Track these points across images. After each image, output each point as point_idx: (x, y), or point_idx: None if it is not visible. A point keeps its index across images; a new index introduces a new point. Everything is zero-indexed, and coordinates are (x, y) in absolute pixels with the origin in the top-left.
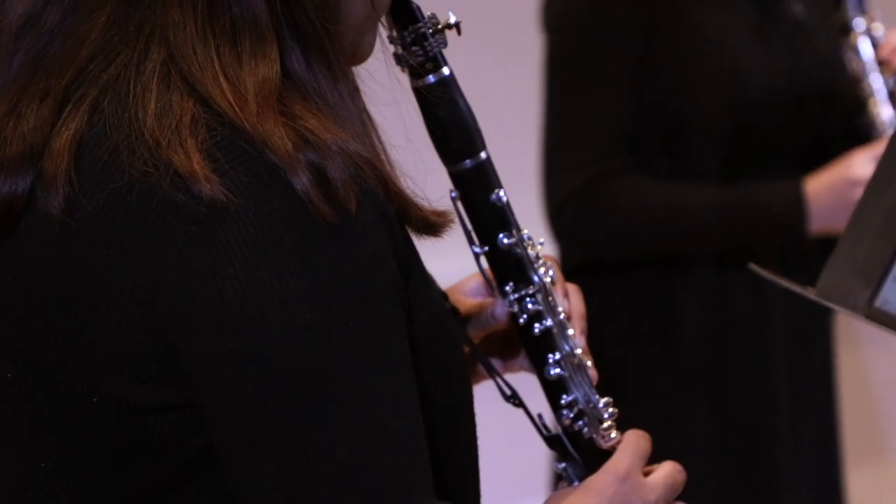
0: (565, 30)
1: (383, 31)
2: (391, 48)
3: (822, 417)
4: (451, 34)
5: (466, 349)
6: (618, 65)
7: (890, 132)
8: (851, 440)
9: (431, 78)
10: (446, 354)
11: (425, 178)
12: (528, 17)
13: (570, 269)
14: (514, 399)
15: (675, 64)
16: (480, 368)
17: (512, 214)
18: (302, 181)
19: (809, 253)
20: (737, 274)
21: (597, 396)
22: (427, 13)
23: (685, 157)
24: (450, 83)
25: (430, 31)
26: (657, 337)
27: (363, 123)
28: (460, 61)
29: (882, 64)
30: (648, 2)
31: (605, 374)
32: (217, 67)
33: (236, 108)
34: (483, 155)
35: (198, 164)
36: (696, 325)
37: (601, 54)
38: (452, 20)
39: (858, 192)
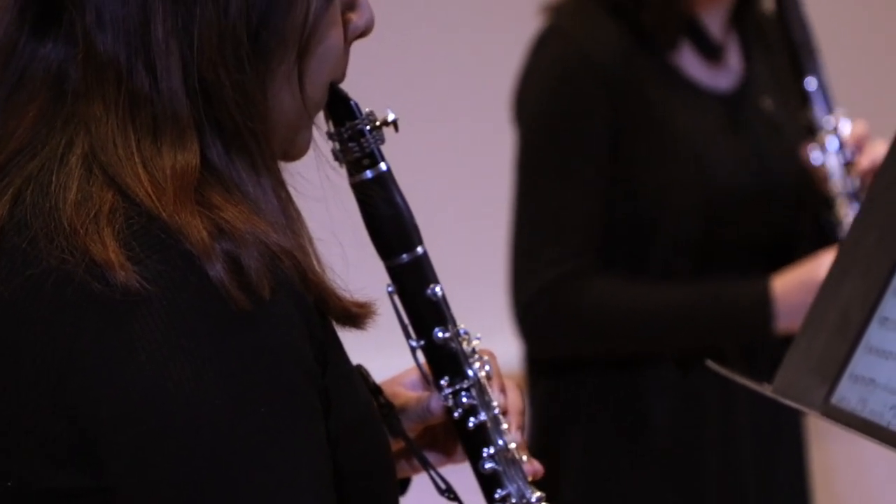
0: (536, 127)
1: (321, 128)
2: (325, 144)
3: None
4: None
5: (401, 442)
6: (587, 164)
7: None
8: None
9: (369, 174)
10: (369, 446)
11: (347, 270)
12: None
13: (537, 368)
14: (448, 493)
15: (644, 163)
16: (416, 461)
17: (448, 309)
18: (216, 269)
19: (773, 347)
20: (703, 369)
21: (530, 491)
22: (365, 110)
23: (653, 256)
24: (387, 179)
25: (368, 127)
26: (625, 433)
27: (287, 216)
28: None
29: (849, 164)
30: (619, 101)
31: (572, 471)
32: (137, 159)
33: (154, 198)
34: (420, 250)
35: (114, 252)
36: (665, 422)
37: (571, 153)
38: (391, 117)
39: None
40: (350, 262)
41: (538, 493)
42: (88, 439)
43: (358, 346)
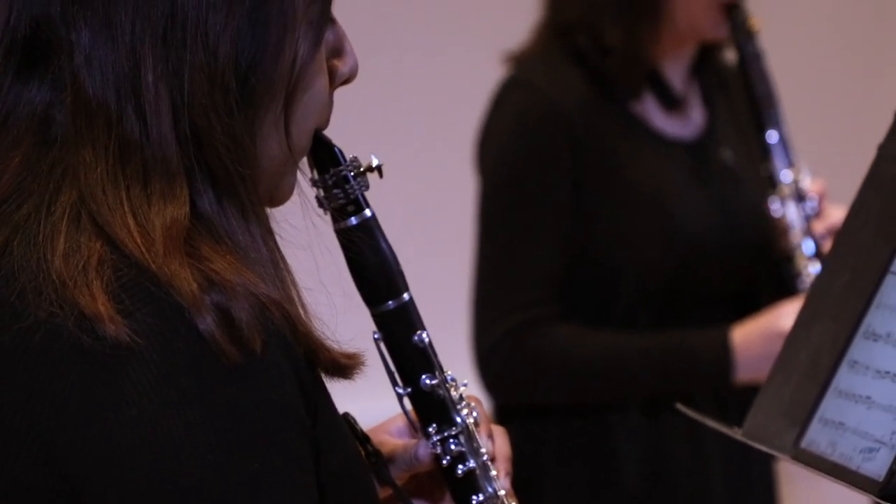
0: (498, 175)
1: (306, 174)
2: (309, 191)
3: None
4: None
5: (389, 490)
6: (550, 213)
7: None
8: None
9: (353, 220)
10: (357, 495)
11: (335, 318)
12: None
13: (503, 415)
14: None
15: (608, 213)
16: None
17: (435, 355)
18: (206, 322)
19: (744, 390)
20: (672, 413)
21: None
22: (349, 156)
23: (617, 304)
24: (372, 225)
25: (352, 173)
26: (596, 479)
27: (275, 265)
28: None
29: (809, 217)
30: (582, 151)
31: None
32: (126, 209)
33: (143, 249)
34: (406, 296)
35: (103, 305)
36: (634, 467)
37: (533, 203)
38: (375, 163)
39: None
40: (337, 309)
41: None
42: (76, 493)
43: (345, 392)
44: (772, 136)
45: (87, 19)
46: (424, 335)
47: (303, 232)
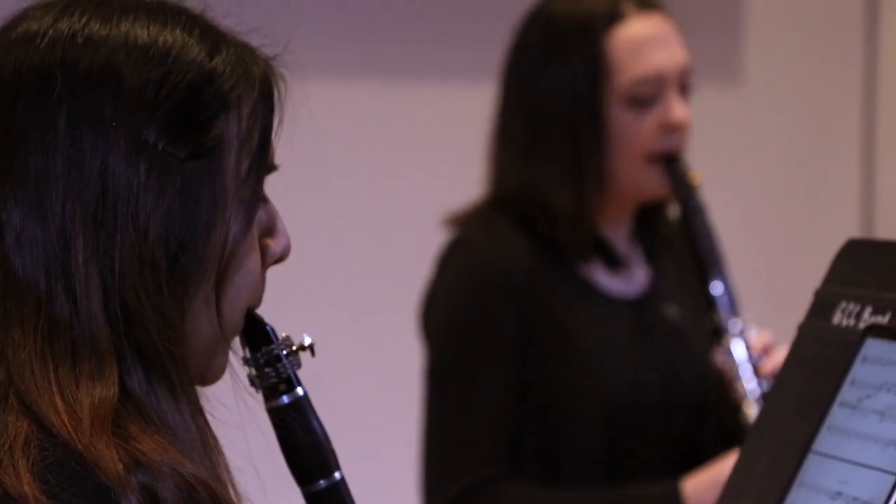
0: (445, 336)
1: (237, 352)
2: (241, 369)
3: None
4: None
5: None
6: (496, 374)
7: None
8: None
9: (285, 399)
10: None
11: (265, 497)
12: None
13: None
14: None
15: (552, 374)
16: None
17: None
18: (132, 503)
19: None
20: None
21: None
22: (281, 335)
23: (564, 463)
24: (304, 404)
25: (284, 352)
26: None
27: (204, 445)
28: None
29: (755, 366)
30: (527, 312)
31: None
32: (54, 388)
33: (70, 429)
34: (337, 475)
35: (28, 485)
36: None
37: (480, 364)
38: (307, 342)
39: None
40: (268, 490)
41: None
42: None
43: None
44: (716, 288)
45: (17, 199)
46: None
47: (234, 411)
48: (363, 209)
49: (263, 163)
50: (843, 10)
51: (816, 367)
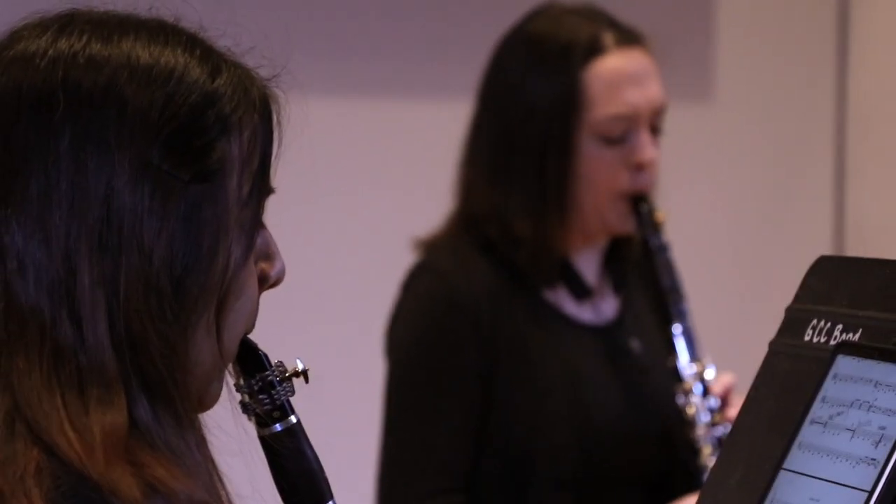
0: (405, 363)
1: (230, 379)
2: (237, 396)
3: None
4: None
5: None
6: (455, 401)
7: None
8: None
9: (278, 426)
10: None
11: None
12: None
13: None
14: None
15: (518, 400)
16: None
17: None
18: None
19: None
20: None
21: None
22: (274, 361)
23: (531, 491)
24: (297, 431)
25: (278, 378)
26: None
27: (209, 473)
28: None
29: (713, 411)
30: (489, 338)
31: None
32: (63, 416)
33: (83, 457)
34: None
35: None
36: None
37: (439, 390)
38: (300, 367)
39: None
40: None
41: None
42: None
43: None
44: (676, 329)
45: (20, 222)
46: None
47: (235, 438)
48: (357, 225)
49: (263, 186)
50: (815, 29)
51: (788, 384)
